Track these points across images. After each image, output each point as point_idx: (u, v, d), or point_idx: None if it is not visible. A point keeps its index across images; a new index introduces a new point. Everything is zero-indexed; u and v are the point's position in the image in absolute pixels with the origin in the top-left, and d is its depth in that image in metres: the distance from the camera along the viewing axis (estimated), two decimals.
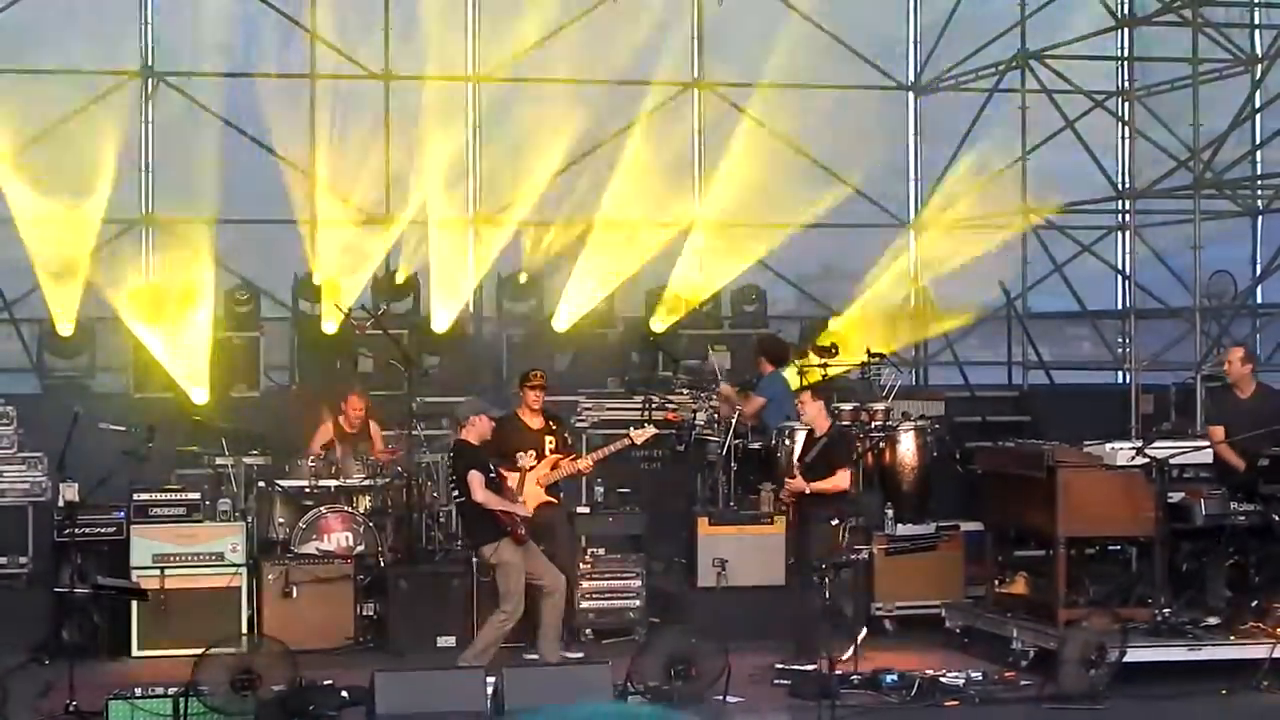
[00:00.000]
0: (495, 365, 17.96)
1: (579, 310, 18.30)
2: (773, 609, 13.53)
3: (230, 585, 13.42)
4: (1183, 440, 12.94)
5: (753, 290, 19.05)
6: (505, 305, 18.66)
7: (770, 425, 14.77)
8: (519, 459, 12.94)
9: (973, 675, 12.04)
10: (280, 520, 14.25)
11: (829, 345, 15.88)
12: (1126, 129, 19.41)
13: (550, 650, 12.42)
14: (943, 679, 11.92)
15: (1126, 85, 19.57)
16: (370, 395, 15.45)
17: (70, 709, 10.91)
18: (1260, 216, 19.54)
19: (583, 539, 13.84)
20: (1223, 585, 12.78)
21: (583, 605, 13.64)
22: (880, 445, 14.22)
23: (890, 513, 14.01)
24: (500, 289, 18.69)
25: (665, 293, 18.72)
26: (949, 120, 20.25)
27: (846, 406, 14.28)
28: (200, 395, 16.22)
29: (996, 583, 13.39)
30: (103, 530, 13.52)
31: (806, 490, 12.80)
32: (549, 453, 13.15)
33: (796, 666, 12.21)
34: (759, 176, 19.64)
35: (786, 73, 19.88)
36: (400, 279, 18.23)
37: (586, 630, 13.69)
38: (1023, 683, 12.02)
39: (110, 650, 13.09)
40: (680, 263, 19.37)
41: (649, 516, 14.27)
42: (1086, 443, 12.91)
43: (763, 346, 15.77)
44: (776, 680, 12.09)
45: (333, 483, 14.36)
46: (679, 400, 15.33)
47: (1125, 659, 11.67)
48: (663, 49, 19.90)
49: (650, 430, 13.38)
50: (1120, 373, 19.22)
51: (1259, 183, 18.63)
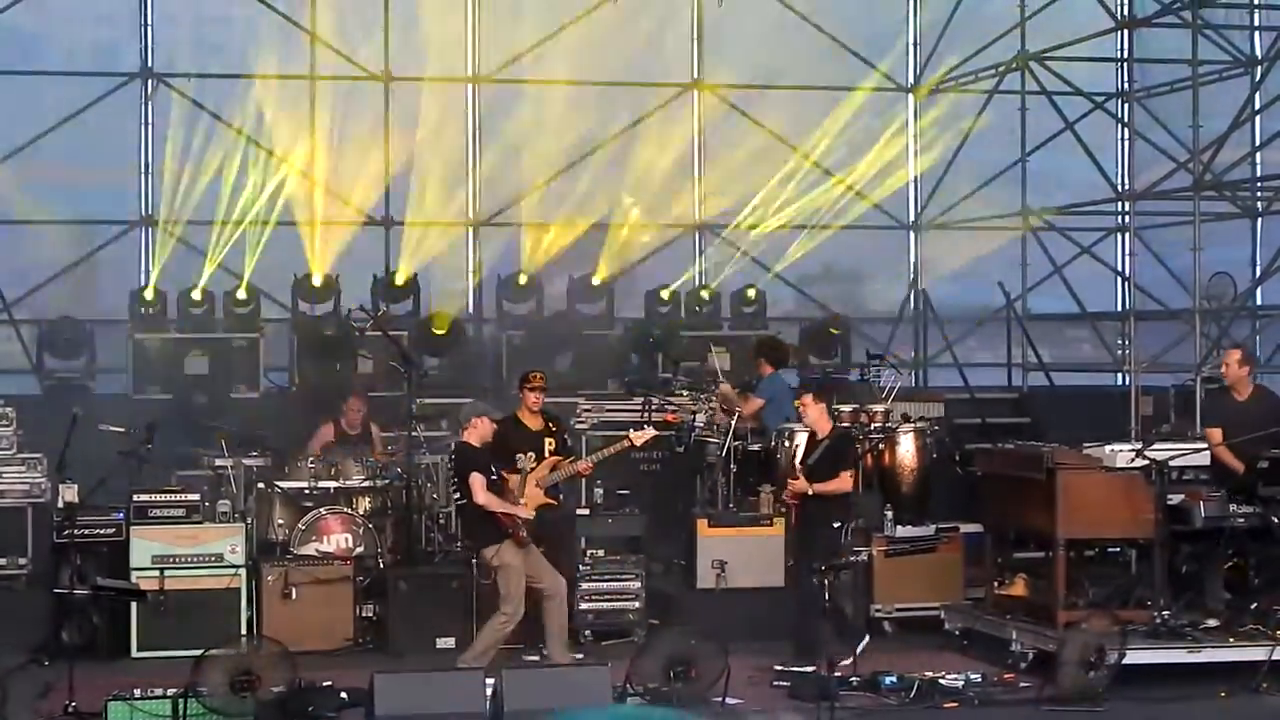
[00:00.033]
0: (495, 366, 17.96)
1: (579, 312, 18.30)
2: (772, 611, 13.54)
3: (230, 586, 13.40)
4: (1182, 442, 12.94)
5: (752, 291, 19.05)
6: (505, 306, 18.66)
7: (770, 427, 14.78)
8: (518, 460, 12.93)
9: (972, 677, 12.02)
10: (280, 521, 14.24)
11: (829, 347, 15.92)
12: (1126, 130, 19.43)
13: (559, 652, 12.36)
14: (942, 681, 11.90)
15: (1126, 87, 19.58)
16: (370, 396, 15.46)
17: (69, 710, 10.90)
18: (1260, 218, 19.55)
19: (582, 540, 13.83)
20: (1222, 587, 12.78)
21: (582, 607, 13.62)
22: (880, 447, 14.23)
23: (890, 514, 14.01)
24: (500, 290, 18.69)
25: (665, 294, 18.72)
26: (949, 121, 20.26)
27: (846, 408, 14.27)
28: (200, 396, 16.21)
29: (996, 584, 13.38)
30: (102, 531, 13.50)
31: (810, 492, 12.79)
32: (548, 454, 13.14)
33: (796, 668, 12.21)
34: (759, 178, 19.67)
35: (786, 74, 19.92)
36: (400, 280, 18.23)
37: (586, 632, 13.68)
38: (1022, 685, 12.01)
39: (109, 651, 13.07)
40: (680, 264, 19.38)
41: (648, 518, 14.26)
42: (1086, 444, 12.90)
43: (762, 348, 15.76)
44: (776, 682, 12.08)
45: (332, 484, 14.36)
46: (678, 402, 15.34)
47: (1124, 661, 11.65)
48: (662, 50, 19.93)
49: (650, 432, 13.36)
50: (1120, 374, 19.23)
51: (1258, 184, 18.63)
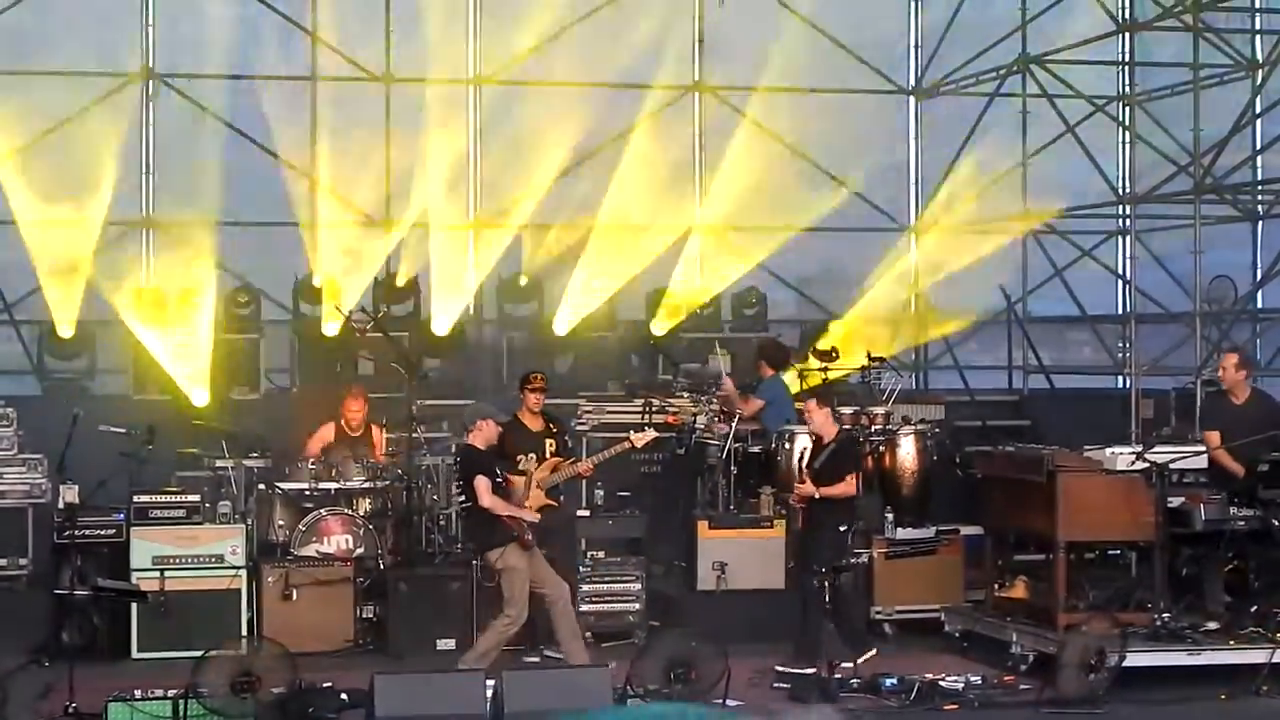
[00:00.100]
0: (496, 368, 17.96)
1: (579, 313, 18.30)
2: (773, 612, 13.55)
3: (230, 587, 13.42)
4: (1183, 445, 12.95)
5: (753, 294, 19.04)
6: (506, 308, 18.65)
7: (770, 429, 14.78)
8: (518, 462, 12.93)
9: (972, 679, 12.04)
10: (280, 523, 14.25)
11: (829, 349, 15.91)
12: (1127, 134, 19.41)
13: (577, 653, 12.30)
14: (942, 683, 11.92)
15: (1127, 90, 19.54)
16: (370, 398, 15.46)
17: (70, 710, 10.90)
18: (1261, 221, 19.54)
19: (583, 542, 13.85)
20: (1222, 590, 12.80)
21: (582, 608, 13.61)
22: (880, 449, 14.23)
23: (890, 517, 14.02)
24: (501, 292, 18.68)
25: (666, 296, 18.72)
26: (950, 124, 20.25)
27: (846, 410, 14.27)
28: (200, 397, 16.22)
29: (996, 587, 13.39)
30: (102, 532, 13.52)
31: (816, 495, 12.80)
32: (549, 455, 13.15)
33: (795, 670, 12.21)
34: (759, 180, 19.65)
35: (787, 76, 19.89)
36: (401, 281, 18.21)
37: (586, 633, 13.64)
38: (1022, 687, 12.03)
39: (110, 652, 13.09)
40: (681, 266, 19.38)
41: (649, 519, 14.28)
42: (1086, 447, 12.93)
43: (763, 351, 15.78)
44: (776, 683, 12.10)
45: (333, 485, 14.37)
46: (679, 403, 15.34)
47: (1124, 663, 11.67)
48: (663, 52, 19.89)
49: (650, 433, 13.35)
50: (1120, 377, 19.23)
51: (1259, 188, 18.62)
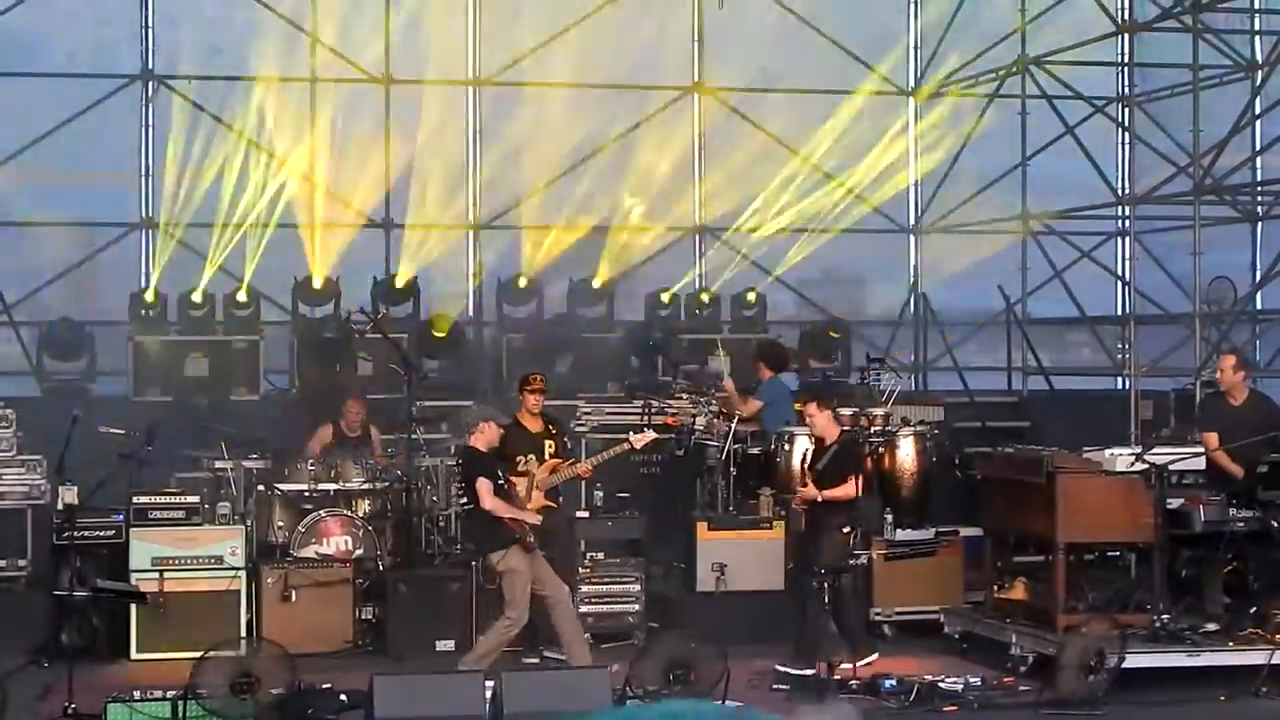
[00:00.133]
0: (495, 369, 17.96)
1: (578, 315, 18.31)
2: (772, 613, 13.54)
3: (229, 588, 13.39)
4: (1182, 446, 12.94)
5: (752, 294, 19.03)
6: (505, 309, 18.66)
7: (769, 430, 14.78)
8: (518, 463, 12.93)
9: (971, 681, 12.03)
10: (279, 524, 14.24)
11: (828, 350, 15.91)
12: (1127, 135, 19.43)
13: (579, 654, 12.27)
14: (941, 684, 11.90)
15: (1127, 91, 19.58)
16: (369, 399, 15.46)
17: (69, 711, 10.89)
18: (1260, 222, 19.54)
19: (582, 543, 13.83)
20: (1221, 591, 12.79)
21: (582, 609, 13.60)
22: (879, 450, 14.22)
23: (889, 518, 14.01)
24: (500, 293, 18.68)
25: (665, 297, 18.72)
26: (949, 125, 20.26)
27: (846, 411, 14.27)
28: (200, 399, 16.20)
29: (995, 588, 13.38)
30: (102, 533, 13.50)
31: (819, 498, 12.80)
32: (548, 456, 13.14)
33: (794, 670, 12.21)
34: (759, 181, 19.67)
35: (787, 77, 19.93)
36: (400, 282, 18.22)
37: (586, 634, 13.66)
38: (1021, 688, 12.01)
39: (109, 653, 13.07)
40: (680, 267, 19.38)
41: (648, 521, 14.26)
42: (1086, 448, 12.91)
43: (762, 352, 15.76)
44: (775, 684, 12.09)
45: (332, 486, 14.36)
46: (678, 405, 15.33)
47: (1124, 665, 11.66)
48: (663, 53, 19.93)
49: (650, 435, 13.34)
50: (1120, 378, 19.25)
51: (1259, 189, 18.62)
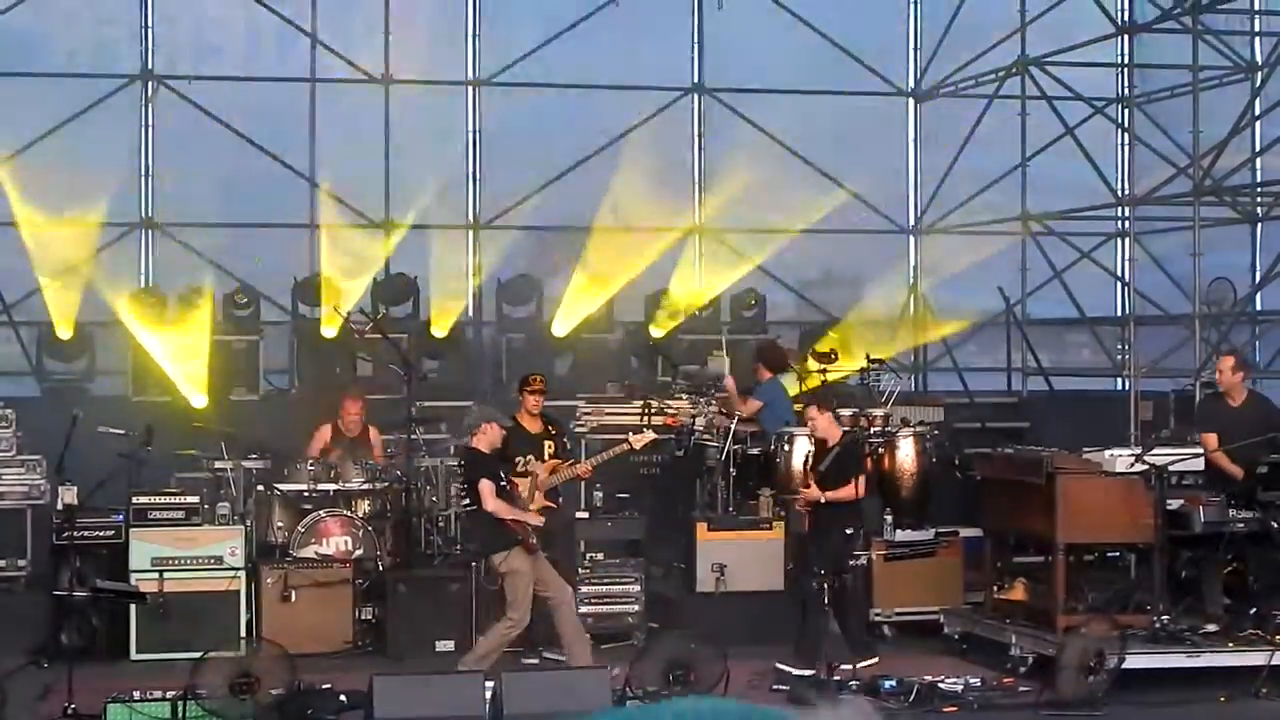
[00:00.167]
0: (494, 370, 17.96)
1: (578, 315, 18.31)
2: (771, 614, 13.55)
3: (229, 589, 13.40)
4: (1182, 447, 12.94)
5: (752, 295, 19.02)
6: (504, 310, 18.65)
7: (769, 431, 14.78)
8: (518, 464, 12.92)
9: (971, 681, 12.04)
10: (279, 524, 14.24)
11: (828, 351, 15.91)
12: (1126, 136, 19.44)
13: (581, 655, 12.25)
14: (941, 685, 11.91)
15: (1126, 92, 19.58)
16: (369, 399, 15.46)
17: (68, 712, 10.90)
18: (1260, 223, 19.54)
19: (582, 544, 13.83)
20: (1221, 592, 12.80)
21: (582, 610, 13.59)
22: (879, 451, 14.22)
23: (889, 518, 14.01)
24: (499, 293, 18.68)
25: (665, 297, 18.72)
26: (949, 126, 20.26)
27: (846, 412, 14.27)
28: (199, 399, 16.21)
29: (995, 589, 13.38)
30: (101, 533, 13.51)
31: (822, 500, 12.82)
32: (548, 457, 13.14)
33: (795, 670, 12.22)
34: (758, 182, 19.66)
35: (787, 78, 19.93)
36: (400, 283, 18.21)
37: (586, 635, 13.67)
38: (1021, 689, 12.02)
39: (109, 653, 13.07)
40: (680, 268, 19.38)
41: (648, 521, 14.27)
42: (1085, 449, 12.92)
43: (761, 353, 15.75)
44: (775, 685, 12.09)
45: (331, 487, 14.36)
46: (678, 405, 15.33)
47: (1124, 665, 11.66)
48: (662, 54, 19.92)
49: (649, 435, 13.35)
50: (1119, 379, 19.24)
51: (1259, 190, 18.63)
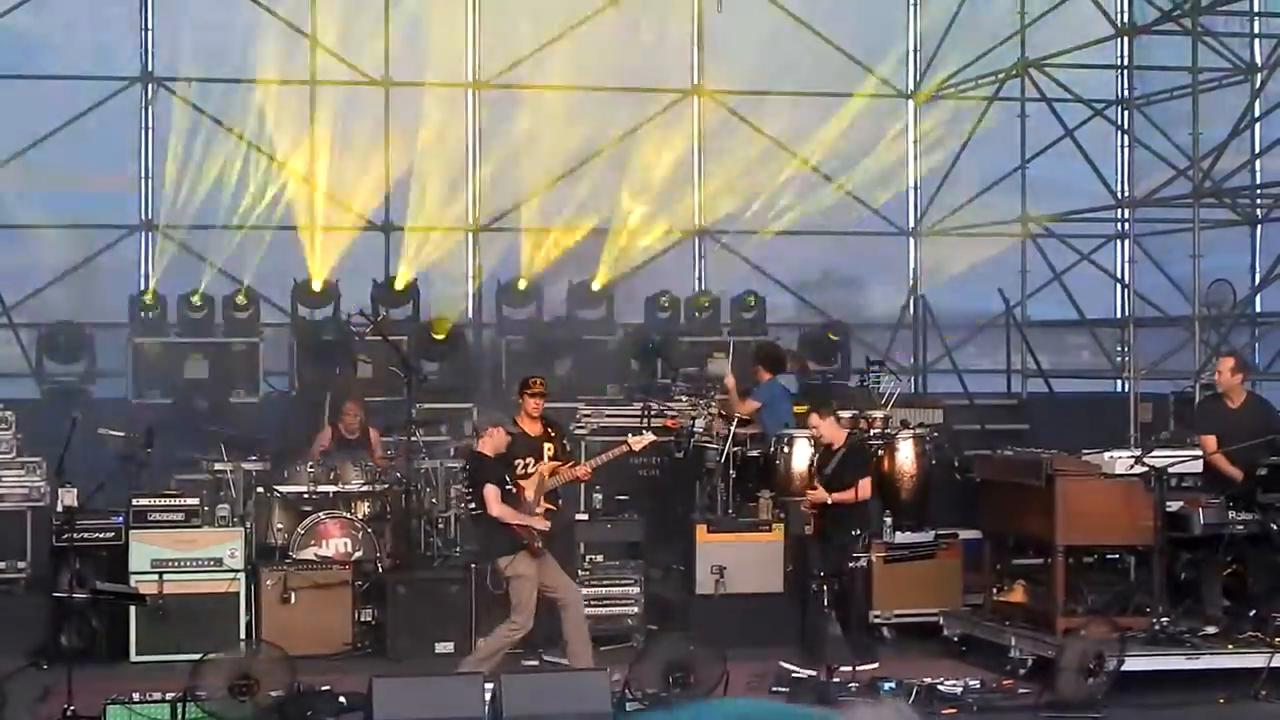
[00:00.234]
0: (494, 372, 17.96)
1: (578, 317, 18.31)
2: (771, 616, 13.55)
3: (229, 590, 13.40)
4: (1181, 449, 12.95)
5: (752, 297, 19.03)
6: (504, 312, 18.66)
7: (768, 432, 14.78)
8: (516, 466, 12.91)
9: (971, 684, 12.03)
10: (279, 526, 14.24)
11: (828, 353, 15.92)
12: (1126, 137, 19.45)
13: (582, 657, 12.20)
14: (940, 687, 11.90)
15: (1126, 94, 19.59)
16: (369, 401, 15.46)
17: (68, 713, 10.88)
18: (1259, 225, 19.54)
19: (581, 545, 13.83)
20: (1220, 594, 12.79)
21: None
22: (879, 453, 14.22)
23: (889, 520, 14.00)
24: (499, 295, 18.68)
25: (665, 299, 18.72)
26: (949, 128, 20.27)
27: (845, 414, 14.28)
28: (199, 401, 16.20)
29: (995, 591, 13.38)
30: (101, 535, 13.50)
31: (829, 501, 12.83)
32: (548, 459, 13.13)
33: (799, 670, 12.22)
34: (758, 183, 19.68)
35: (786, 80, 19.94)
36: (400, 285, 18.22)
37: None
38: (1021, 691, 12.01)
39: (108, 655, 13.07)
40: (680, 269, 19.38)
41: (648, 523, 14.26)
42: (1085, 451, 12.91)
43: (760, 354, 15.74)
44: (775, 687, 12.09)
45: (331, 488, 14.36)
46: (678, 407, 15.33)
47: (1123, 668, 11.66)
48: (662, 55, 19.94)
49: (649, 437, 13.33)
50: (1119, 381, 19.24)
51: (1258, 191, 18.63)
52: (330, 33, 19.11)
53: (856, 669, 12.18)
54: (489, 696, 10.83)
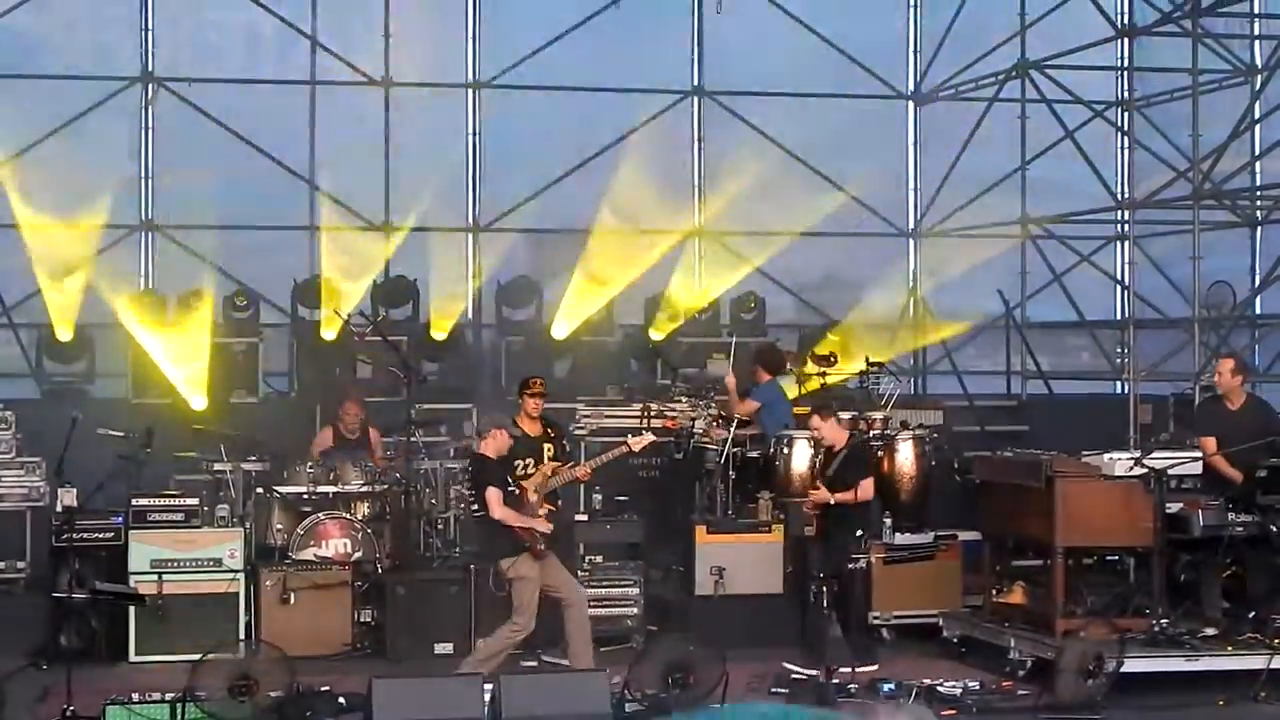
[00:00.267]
0: (494, 373, 17.96)
1: (578, 318, 18.31)
2: (770, 617, 13.56)
3: (228, 591, 13.41)
4: (1181, 451, 12.95)
5: (751, 298, 19.02)
6: (504, 312, 18.65)
7: (768, 433, 14.78)
8: (516, 467, 12.91)
9: (970, 685, 12.05)
10: (278, 526, 14.24)
11: (828, 354, 15.92)
12: (1126, 139, 19.44)
13: (583, 658, 12.22)
14: (940, 688, 11.92)
15: (1126, 95, 19.59)
16: (368, 402, 15.46)
17: (67, 714, 10.89)
18: (1259, 227, 19.53)
19: (581, 546, 13.83)
20: (1220, 596, 12.80)
21: None
22: (879, 454, 14.22)
23: (888, 522, 14.01)
24: (499, 296, 18.68)
25: (664, 300, 18.72)
26: (949, 129, 20.27)
27: (845, 416, 14.28)
28: (199, 401, 16.21)
29: (994, 592, 13.38)
30: (101, 535, 13.50)
31: (831, 501, 12.84)
32: (547, 460, 13.12)
33: (803, 671, 12.23)
34: (758, 184, 19.67)
35: (786, 81, 19.94)
36: (399, 286, 18.21)
37: None
38: (1020, 693, 12.01)
39: (108, 655, 13.08)
40: (679, 270, 19.38)
41: (647, 524, 14.26)
42: (1085, 453, 12.92)
43: (760, 356, 15.73)
44: (774, 688, 12.09)
45: (331, 489, 14.36)
46: (678, 408, 15.33)
47: (1123, 669, 11.66)
48: (662, 57, 19.93)
49: (648, 437, 13.32)
50: (1119, 383, 19.23)
51: (1258, 193, 18.61)
52: (330, 33, 19.11)
53: (856, 670, 12.20)
54: (488, 697, 10.84)
